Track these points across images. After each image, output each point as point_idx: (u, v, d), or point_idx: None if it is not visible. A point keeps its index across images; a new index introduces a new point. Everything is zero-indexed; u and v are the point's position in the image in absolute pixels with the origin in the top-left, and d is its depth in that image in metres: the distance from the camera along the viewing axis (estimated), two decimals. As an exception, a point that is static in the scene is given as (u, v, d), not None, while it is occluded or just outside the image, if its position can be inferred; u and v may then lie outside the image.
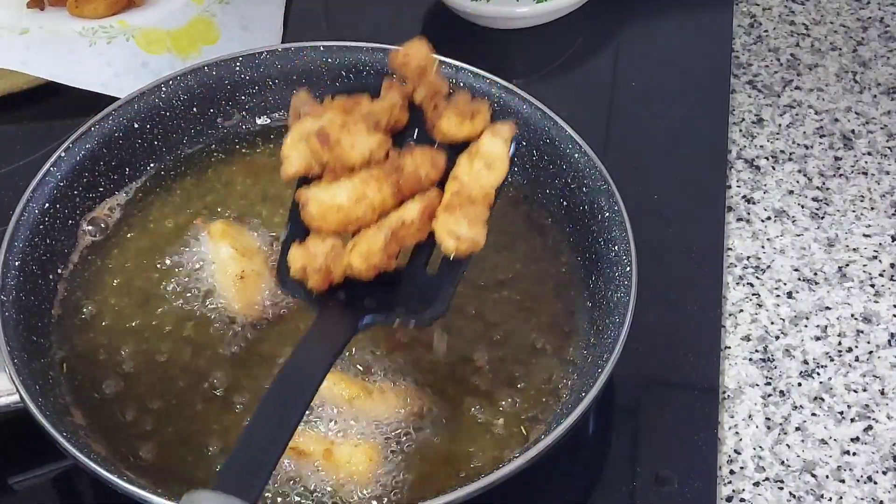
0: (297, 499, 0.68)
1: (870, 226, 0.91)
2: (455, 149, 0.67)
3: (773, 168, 0.96)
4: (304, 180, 0.67)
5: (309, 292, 0.65)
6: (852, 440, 0.78)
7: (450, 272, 0.65)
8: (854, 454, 0.77)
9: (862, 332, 0.84)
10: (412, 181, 0.65)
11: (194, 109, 0.88)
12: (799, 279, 0.87)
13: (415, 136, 0.68)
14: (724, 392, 0.80)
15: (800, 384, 0.81)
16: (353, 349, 0.74)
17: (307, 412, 0.71)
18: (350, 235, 0.65)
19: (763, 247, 0.90)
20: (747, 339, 0.83)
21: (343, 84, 0.87)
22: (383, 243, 0.63)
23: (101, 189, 0.83)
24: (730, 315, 0.85)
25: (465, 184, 0.64)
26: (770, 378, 0.81)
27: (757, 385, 0.80)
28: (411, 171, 0.65)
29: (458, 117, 0.66)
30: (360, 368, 0.73)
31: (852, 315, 0.85)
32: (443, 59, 0.86)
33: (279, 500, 0.68)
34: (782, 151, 0.98)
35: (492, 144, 0.65)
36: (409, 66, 0.68)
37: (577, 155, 0.81)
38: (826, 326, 0.84)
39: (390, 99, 0.68)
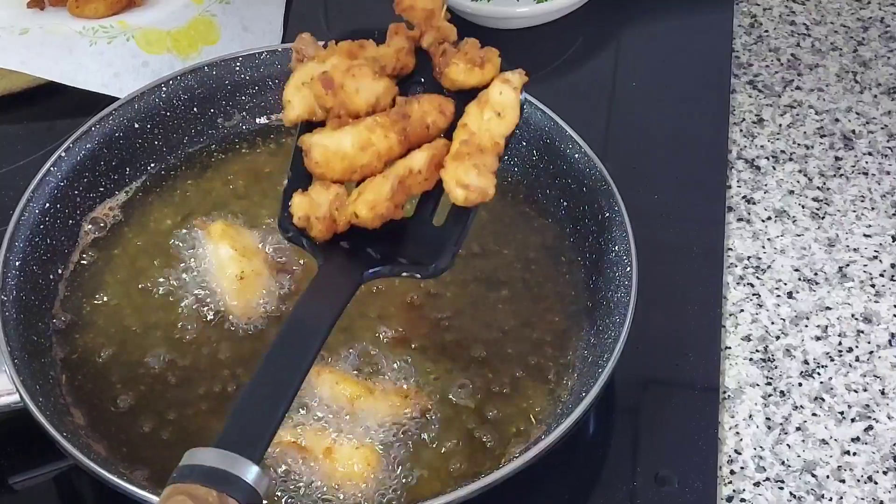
0: (295, 493, 0.68)
1: (870, 226, 0.91)
2: (463, 97, 0.65)
3: (774, 168, 0.96)
4: (307, 126, 0.65)
5: (312, 241, 0.64)
6: (852, 440, 0.78)
7: (456, 224, 0.63)
8: (854, 454, 0.77)
9: (862, 332, 0.84)
10: (419, 129, 0.63)
11: (194, 109, 0.88)
12: (799, 279, 0.87)
13: (422, 84, 0.66)
14: (724, 392, 0.80)
15: (800, 384, 0.81)
16: (356, 348, 0.74)
17: (306, 410, 0.71)
18: (354, 184, 0.64)
19: (763, 247, 0.90)
20: (747, 339, 0.83)
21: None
22: (390, 192, 0.61)
23: (102, 189, 0.83)
24: (730, 315, 0.85)
25: (474, 132, 0.62)
26: (770, 378, 0.81)
27: (757, 385, 0.80)
28: (418, 119, 0.63)
29: (467, 64, 0.64)
30: (363, 368, 0.73)
31: (852, 315, 0.85)
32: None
33: (277, 493, 0.68)
34: (783, 151, 0.97)
35: (502, 92, 0.63)
36: (416, 9, 0.66)
37: (577, 155, 0.81)
38: (826, 326, 0.84)
39: (396, 43, 0.66)
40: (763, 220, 0.92)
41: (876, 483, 0.75)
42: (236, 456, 0.52)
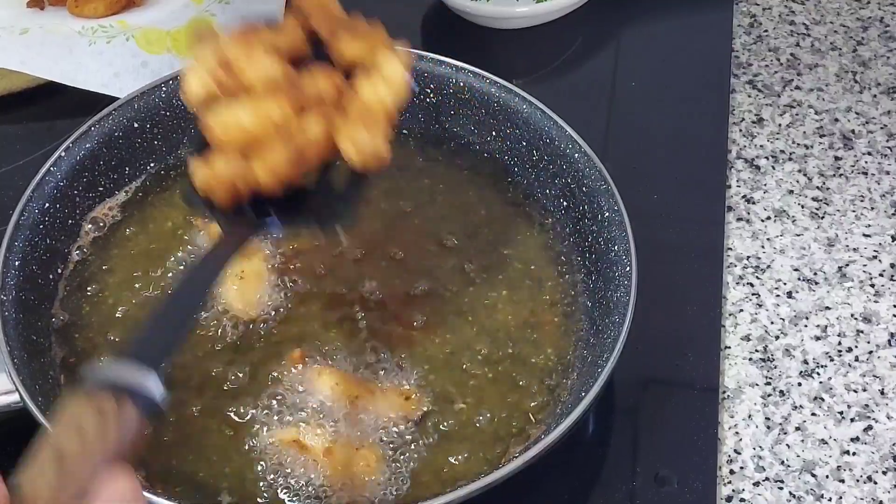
0: (294, 493, 0.68)
1: (870, 226, 0.92)
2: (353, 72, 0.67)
3: (773, 168, 0.96)
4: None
5: (216, 210, 0.65)
6: (852, 440, 0.78)
7: (356, 185, 0.66)
8: (854, 454, 0.77)
9: (862, 332, 0.84)
10: (312, 98, 0.65)
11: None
12: (799, 279, 0.87)
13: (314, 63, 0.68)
14: (724, 392, 0.80)
15: (800, 384, 0.81)
16: (357, 350, 0.74)
17: (311, 411, 0.71)
18: (254, 153, 0.65)
19: (763, 247, 0.90)
20: (747, 339, 0.83)
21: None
22: (288, 155, 0.63)
23: (101, 189, 0.83)
24: (730, 315, 0.85)
25: (361, 95, 0.65)
26: (770, 378, 0.81)
27: (757, 385, 0.80)
28: (311, 88, 0.65)
29: (354, 38, 0.67)
30: (363, 368, 0.73)
31: (852, 315, 0.85)
32: (443, 58, 0.86)
33: (277, 491, 0.68)
34: (782, 151, 0.98)
35: (388, 62, 0.66)
36: (310, 1, 0.69)
37: (577, 155, 0.81)
38: (826, 326, 0.84)
39: (289, 26, 0.68)
40: (763, 220, 0.92)
41: (875, 483, 0.75)
42: (135, 365, 0.55)
